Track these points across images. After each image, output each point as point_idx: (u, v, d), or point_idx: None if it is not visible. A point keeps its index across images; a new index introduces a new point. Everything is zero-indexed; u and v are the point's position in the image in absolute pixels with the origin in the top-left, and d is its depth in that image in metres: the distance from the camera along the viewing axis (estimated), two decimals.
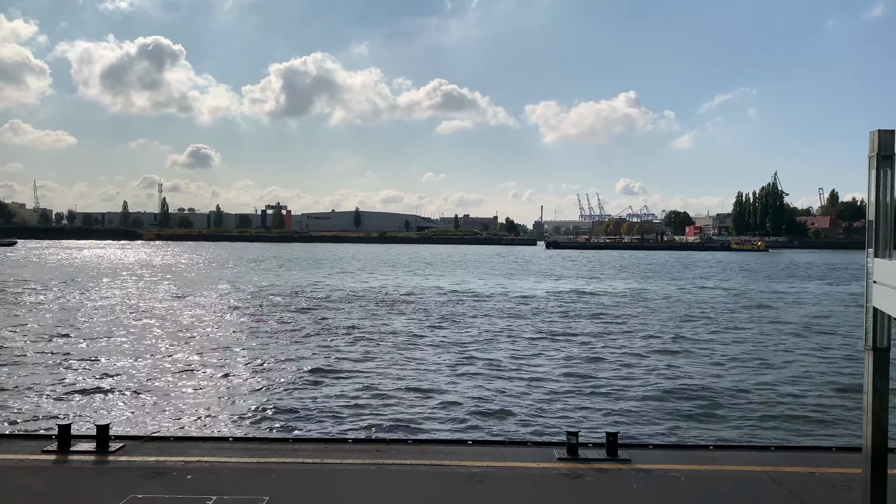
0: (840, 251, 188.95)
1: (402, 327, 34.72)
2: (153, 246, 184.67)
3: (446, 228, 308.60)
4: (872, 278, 6.33)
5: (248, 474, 9.45)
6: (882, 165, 6.21)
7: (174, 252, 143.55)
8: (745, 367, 25.26)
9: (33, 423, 16.60)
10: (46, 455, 10.09)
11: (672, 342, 30.80)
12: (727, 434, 16.65)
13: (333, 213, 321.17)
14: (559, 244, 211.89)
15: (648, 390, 20.98)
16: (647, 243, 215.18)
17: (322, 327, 34.46)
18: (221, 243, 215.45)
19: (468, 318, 38.74)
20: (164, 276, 72.79)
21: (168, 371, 23.07)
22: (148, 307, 42.62)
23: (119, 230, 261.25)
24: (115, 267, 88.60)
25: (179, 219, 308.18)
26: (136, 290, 54.34)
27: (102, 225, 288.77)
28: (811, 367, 25.27)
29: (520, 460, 10.09)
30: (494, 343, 30.09)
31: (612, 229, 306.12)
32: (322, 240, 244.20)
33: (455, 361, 25.51)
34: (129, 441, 10.87)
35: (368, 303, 46.93)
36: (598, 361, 25.79)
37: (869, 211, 6.38)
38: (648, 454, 10.56)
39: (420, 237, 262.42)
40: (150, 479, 9.20)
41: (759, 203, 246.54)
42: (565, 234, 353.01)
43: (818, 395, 20.76)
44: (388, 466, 9.81)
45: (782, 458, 10.51)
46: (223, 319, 37.28)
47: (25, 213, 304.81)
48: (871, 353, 6.36)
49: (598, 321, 38.07)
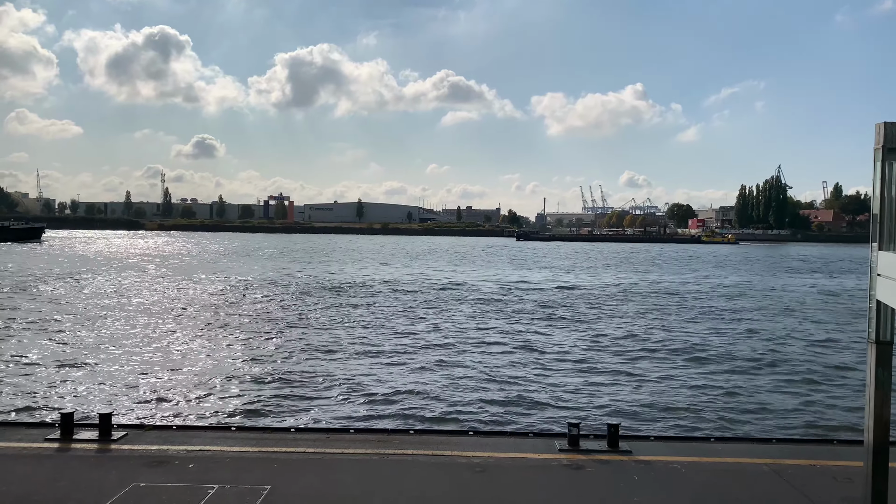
0: (843, 245, 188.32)
1: (404, 318, 34.75)
2: (156, 236, 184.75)
3: (449, 220, 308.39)
4: (877, 271, 6.30)
5: (250, 463, 9.48)
6: (888, 158, 6.17)
7: (180, 242, 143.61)
8: (746, 359, 25.24)
9: (36, 412, 16.66)
10: (49, 443, 10.12)
11: (671, 336, 30.79)
12: (728, 426, 16.66)
13: (336, 204, 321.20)
14: (529, 236, 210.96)
15: (649, 382, 20.98)
16: (651, 236, 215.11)
17: (324, 317, 34.49)
18: (224, 234, 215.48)
19: (468, 310, 38.75)
20: (168, 265, 72.90)
21: (171, 360, 23.12)
22: (151, 296, 42.69)
23: (122, 220, 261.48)
24: (122, 256, 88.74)
25: (182, 209, 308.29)
26: (140, 281, 54.42)
27: (105, 215, 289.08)
28: (812, 360, 25.24)
29: (521, 451, 10.10)
30: (494, 335, 30.10)
31: (615, 222, 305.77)
32: (324, 231, 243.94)
33: (457, 352, 25.52)
34: (131, 429, 10.91)
35: (368, 293, 46.97)
36: (600, 353, 25.79)
37: (873, 204, 6.34)
38: (649, 446, 10.57)
39: (422, 229, 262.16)
40: (152, 467, 9.23)
41: (762, 196, 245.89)
42: (567, 226, 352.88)
43: (820, 388, 20.76)
44: (390, 456, 9.83)
45: (783, 450, 10.51)
46: (226, 309, 37.32)
47: (28, 203, 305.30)
48: (874, 347, 6.35)
49: (597, 312, 38.07)
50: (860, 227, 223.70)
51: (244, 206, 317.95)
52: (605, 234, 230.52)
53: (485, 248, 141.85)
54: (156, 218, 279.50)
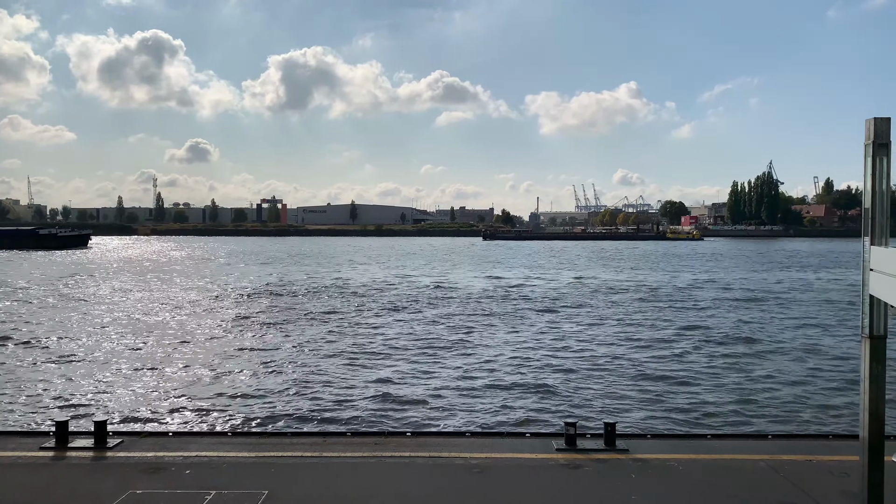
0: (835, 239, 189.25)
1: (397, 321, 34.73)
2: (152, 241, 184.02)
3: (442, 220, 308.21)
4: (869, 266, 6.33)
5: (247, 468, 9.45)
6: (878, 153, 6.20)
7: (170, 246, 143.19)
8: (742, 355, 25.34)
9: (31, 420, 16.59)
10: (44, 452, 10.06)
11: (669, 333, 30.87)
12: (725, 423, 16.71)
13: (329, 206, 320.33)
14: (495, 235, 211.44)
15: (646, 380, 21.04)
16: (644, 234, 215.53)
17: (317, 321, 34.44)
18: (216, 238, 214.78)
19: (461, 311, 38.76)
20: (162, 271, 72.63)
21: (166, 366, 23.05)
22: (144, 303, 42.53)
23: (114, 225, 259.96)
24: (113, 262, 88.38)
25: (175, 213, 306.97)
26: (134, 286, 54.20)
27: (97, 220, 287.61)
28: (807, 355, 25.36)
29: (518, 451, 10.11)
30: (489, 335, 30.12)
31: (608, 220, 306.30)
32: (318, 233, 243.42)
33: (452, 354, 25.53)
34: (126, 437, 10.85)
35: (363, 295, 46.93)
36: (595, 352, 25.84)
37: (865, 199, 6.37)
38: (646, 444, 10.59)
39: (416, 230, 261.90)
40: (148, 474, 9.19)
41: (753, 192, 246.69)
42: (561, 224, 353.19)
43: (815, 383, 20.85)
44: (387, 459, 9.81)
45: (780, 446, 10.55)
46: (221, 315, 37.23)
47: (20, 210, 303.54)
48: (868, 341, 6.37)
49: (592, 311, 38.15)
50: (851, 222, 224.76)
51: (237, 209, 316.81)
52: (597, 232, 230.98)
53: (444, 248, 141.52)
54: (148, 223, 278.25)
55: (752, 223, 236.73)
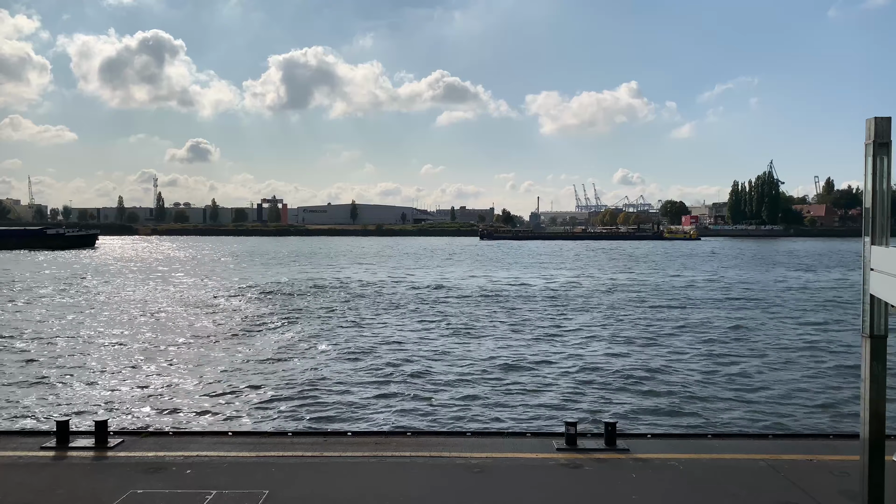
0: (835, 239, 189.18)
1: (397, 321, 34.73)
2: (150, 241, 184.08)
3: (443, 220, 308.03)
4: (869, 266, 6.33)
5: (248, 468, 9.45)
6: (878, 153, 6.20)
7: (172, 246, 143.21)
8: (742, 355, 25.33)
9: (32, 420, 16.60)
10: (45, 451, 10.07)
11: (669, 333, 30.86)
12: (725, 423, 16.71)
13: (329, 206, 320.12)
14: (493, 235, 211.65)
15: (646, 380, 21.03)
16: (644, 233, 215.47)
17: (319, 321, 34.46)
18: (217, 238, 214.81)
19: (461, 310, 38.76)
20: (164, 270, 72.66)
21: (167, 366, 23.06)
22: (145, 303, 42.55)
23: (114, 225, 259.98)
24: (114, 262, 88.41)
25: (175, 213, 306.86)
26: (133, 286, 54.22)
27: (98, 220, 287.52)
28: (807, 355, 25.35)
29: (519, 451, 10.10)
30: (490, 335, 30.12)
31: (608, 220, 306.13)
32: (318, 233, 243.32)
33: (452, 354, 25.53)
34: (127, 436, 10.86)
35: (358, 296, 46.92)
36: (595, 351, 25.84)
37: (865, 198, 6.37)
38: (647, 443, 10.58)
39: (416, 230, 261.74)
40: (149, 474, 9.19)
41: (754, 192, 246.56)
42: (562, 224, 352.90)
43: (815, 383, 20.84)
44: (388, 459, 9.81)
45: (780, 445, 10.54)
46: (222, 314, 37.24)
47: (20, 210, 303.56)
48: (869, 341, 6.36)
49: (592, 311, 38.14)
50: (852, 222, 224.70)
51: (238, 209, 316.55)
52: (597, 232, 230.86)
53: (443, 248, 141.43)
54: (149, 223, 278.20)
55: (752, 223, 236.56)
